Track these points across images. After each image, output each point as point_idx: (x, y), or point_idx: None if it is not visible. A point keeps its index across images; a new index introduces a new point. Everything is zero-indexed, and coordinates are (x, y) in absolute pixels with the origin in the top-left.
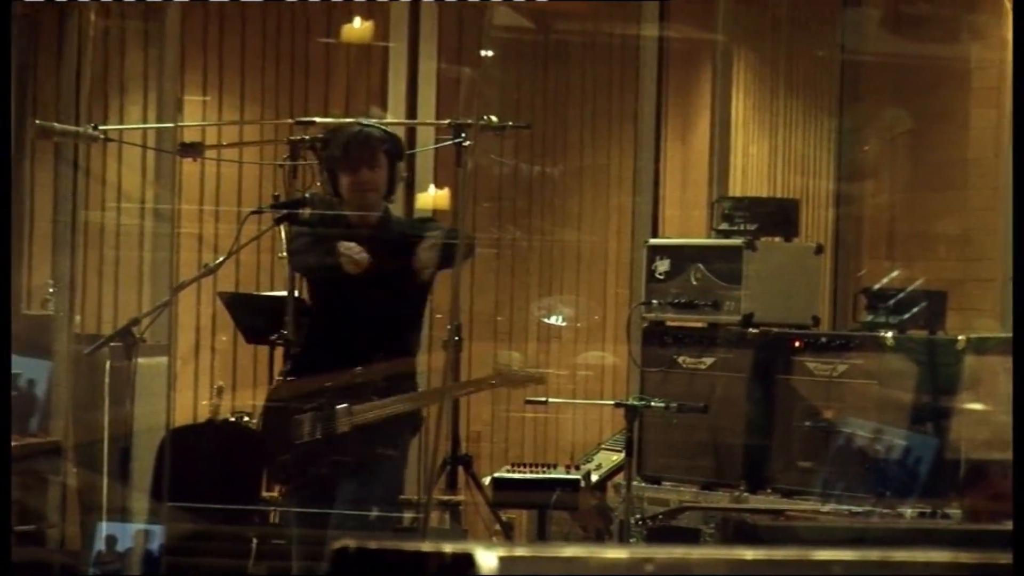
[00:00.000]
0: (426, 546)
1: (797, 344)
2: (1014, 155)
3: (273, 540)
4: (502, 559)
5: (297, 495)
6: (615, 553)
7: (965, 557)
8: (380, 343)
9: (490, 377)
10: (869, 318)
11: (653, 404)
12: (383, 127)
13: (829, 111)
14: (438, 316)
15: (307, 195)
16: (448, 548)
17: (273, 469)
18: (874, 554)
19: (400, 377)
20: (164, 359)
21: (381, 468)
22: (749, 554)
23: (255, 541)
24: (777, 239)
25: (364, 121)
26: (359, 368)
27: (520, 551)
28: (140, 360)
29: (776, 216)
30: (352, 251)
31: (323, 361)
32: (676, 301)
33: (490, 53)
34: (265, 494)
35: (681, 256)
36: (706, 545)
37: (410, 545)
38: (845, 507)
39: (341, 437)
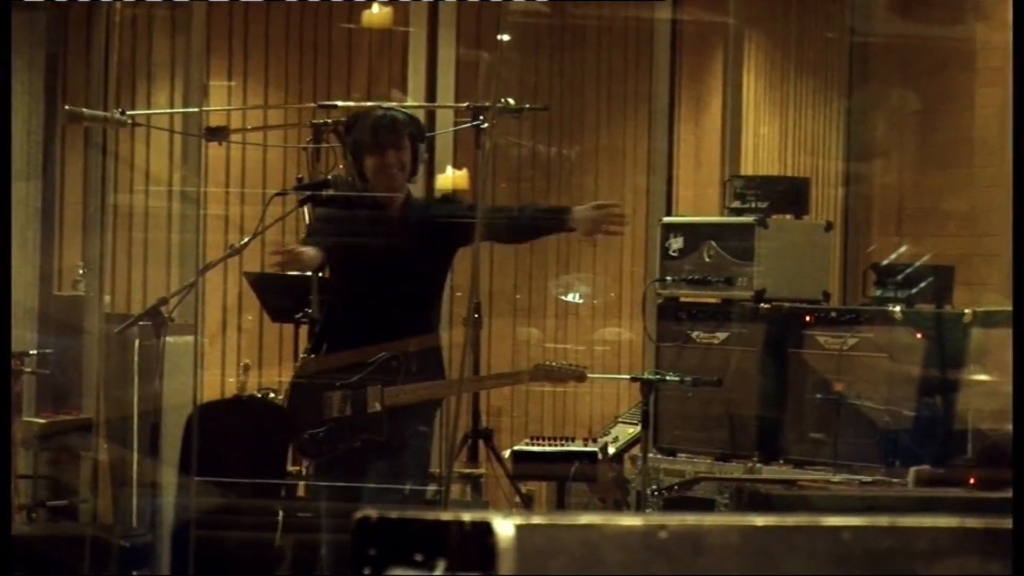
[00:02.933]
0: (445, 515)
1: (808, 319)
2: (1014, 138)
3: (299, 514)
4: (519, 527)
5: (325, 470)
6: (629, 520)
7: (972, 522)
8: (404, 321)
9: (527, 372)
10: (878, 293)
11: (668, 378)
12: (405, 111)
13: (839, 92)
14: (458, 294)
15: (330, 177)
16: (467, 517)
17: (301, 444)
18: (882, 520)
19: (426, 354)
20: (191, 338)
21: (411, 445)
22: (760, 521)
23: (281, 515)
24: (788, 217)
25: (385, 105)
26: (385, 345)
27: (536, 519)
28: (168, 339)
29: (787, 194)
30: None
31: (348, 338)
32: (690, 278)
33: (507, 37)
34: (291, 468)
35: (695, 234)
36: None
37: (430, 514)
38: (856, 477)
39: (371, 415)
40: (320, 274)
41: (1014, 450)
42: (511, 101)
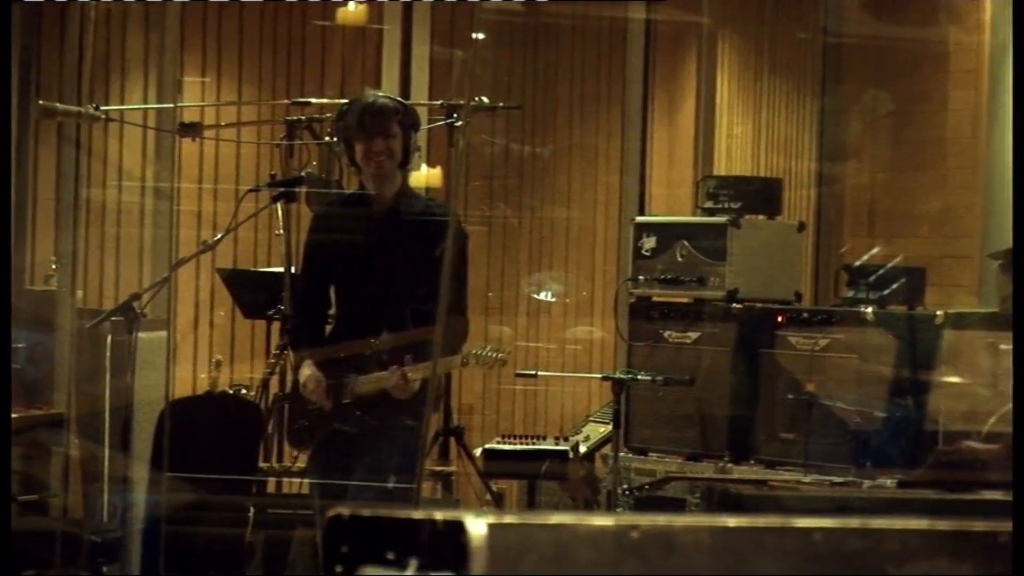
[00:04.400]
0: (418, 514)
1: (780, 319)
2: (1014, 144)
3: (270, 510)
4: (491, 526)
5: (313, 460)
6: (602, 520)
7: (942, 525)
8: (397, 313)
9: (460, 357)
10: (850, 294)
11: (640, 377)
12: (398, 99)
13: (812, 92)
14: None
15: (303, 173)
16: (439, 516)
17: (290, 434)
18: (853, 522)
19: (418, 347)
20: (164, 333)
21: (387, 437)
22: (732, 521)
23: (252, 510)
24: (761, 217)
25: (379, 93)
26: (375, 339)
27: (509, 519)
28: (140, 334)
29: (760, 195)
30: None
31: (347, 332)
32: (662, 277)
33: (482, 36)
34: (262, 464)
35: (667, 233)
36: (691, 514)
37: (402, 512)
38: (827, 477)
39: (344, 406)
40: (292, 269)
41: (1014, 450)
42: (485, 99)
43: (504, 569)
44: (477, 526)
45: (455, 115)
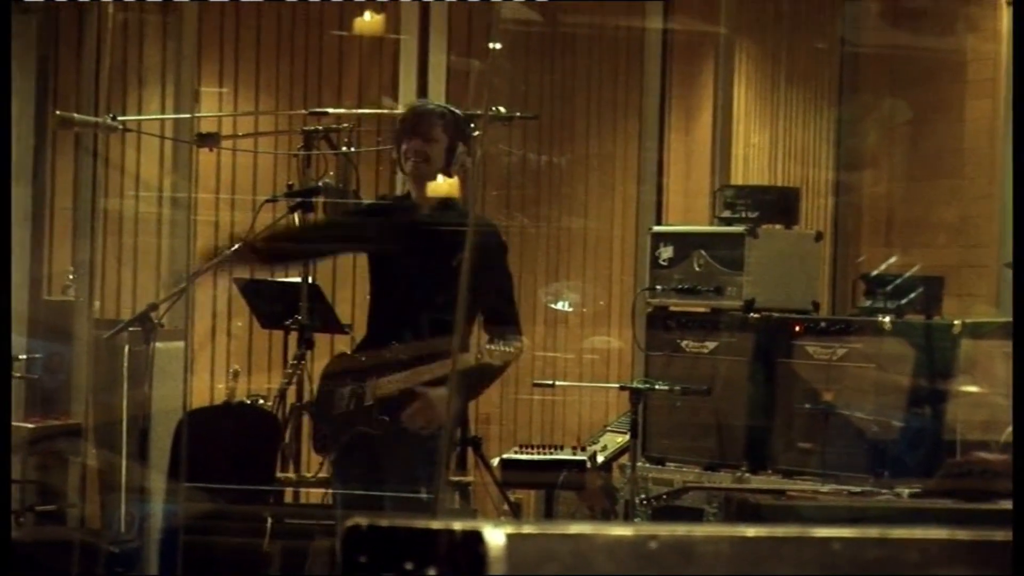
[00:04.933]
0: (436, 524)
1: (797, 329)
2: (1014, 149)
3: (287, 520)
4: (510, 536)
5: (335, 466)
6: (620, 530)
7: (962, 534)
8: (419, 320)
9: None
10: (868, 303)
11: (657, 387)
12: (454, 109)
13: (829, 102)
14: None
15: (320, 184)
16: (457, 526)
17: (314, 440)
18: (872, 531)
19: (441, 355)
20: (181, 343)
21: (410, 441)
22: (751, 531)
23: (269, 521)
24: (778, 226)
25: (436, 102)
26: (404, 346)
27: (527, 528)
28: (158, 344)
29: (777, 204)
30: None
31: (372, 340)
32: (679, 287)
33: (499, 46)
34: (280, 475)
35: (684, 243)
36: (709, 523)
37: (420, 523)
38: (844, 487)
39: (366, 408)
40: (310, 279)
41: (1014, 450)
42: (502, 109)
43: None
44: (496, 536)
45: (472, 125)
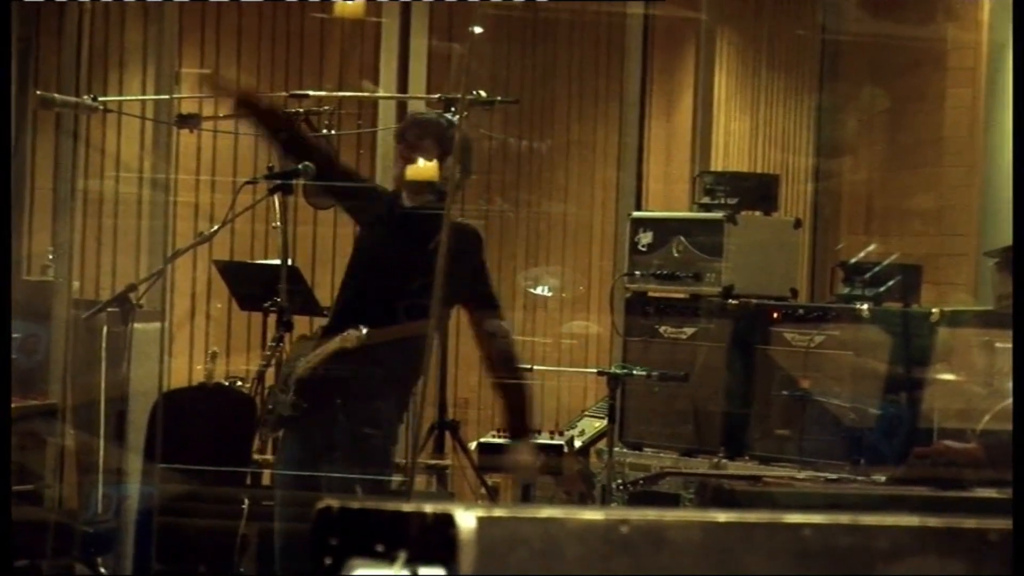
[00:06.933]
0: (407, 506)
1: (775, 315)
2: (1014, 144)
3: (263, 502)
4: (481, 519)
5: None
6: (591, 515)
7: (933, 522)
8: (372, 308)
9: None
10: (846, 291)
11: (635, 372)
12: (447, 119)
13: (809, 89)
14: None
15: (300, 166)
16: (429, 508)
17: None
18: (844, 518)
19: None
20: (159, 325)
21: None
22: (722, 517)
23: (246, 502)
24: (757, 213)
25: (436, 112)
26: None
27: (498, 512)
28: (136, 325)
29: (756, 191)
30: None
31: (332, 324)
32: (658, 273)
33: (480, 30)
34: (256, 457)
35: (664, 229)
36: (684, 509)
37: (391, 505)
38: (821, 474)
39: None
40: (289, 262)
41: (1014, 451)
42: (482, 93)
43: (494, 562)
44: (466, 519)
45: (453, 109)
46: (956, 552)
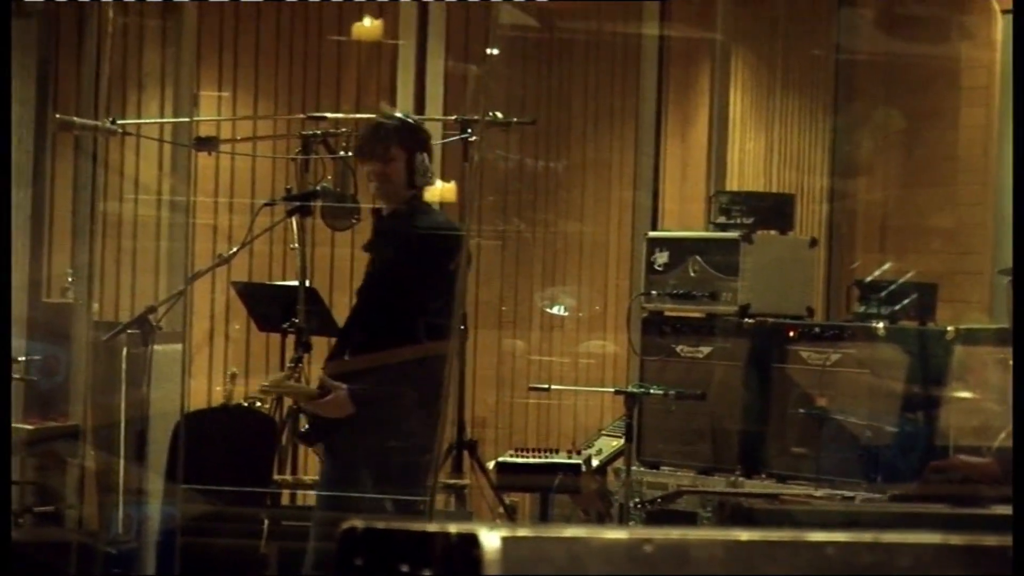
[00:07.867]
0: (431, 526)
1: (792, 334)
2: (1014, 158)
3: (284, 522)
4: (505, 539)
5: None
6: (615, 534)
7: (955, 539)
8: (374, 330)
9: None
10: (862, 309)
11: (652, 391)
12: (406, 119)
13: (824, 109)
14: None
15: (318, 188)
16: (453, 528)
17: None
18: (866, 536)
19: (402, 364)
20: (179, 346)
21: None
22: (744, 535)
23: (266, 522)
24: (773, 232)
25: (393, 113)
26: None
27: (522, 532)
28: (156, 347)
29: (772, 210)
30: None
31: (341, 345)
32: (675, 292)
33: (496, 51)
34: (277, 477)
35: (680, 248)
36: (703, 527)
37: (416, 525)
38: (838, 492)
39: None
40: (307, 283)
41: (1014, 452)
42: (499, 114)
43: None
44: (491, 539)
45: (469, 130)
46: (979, 570)
